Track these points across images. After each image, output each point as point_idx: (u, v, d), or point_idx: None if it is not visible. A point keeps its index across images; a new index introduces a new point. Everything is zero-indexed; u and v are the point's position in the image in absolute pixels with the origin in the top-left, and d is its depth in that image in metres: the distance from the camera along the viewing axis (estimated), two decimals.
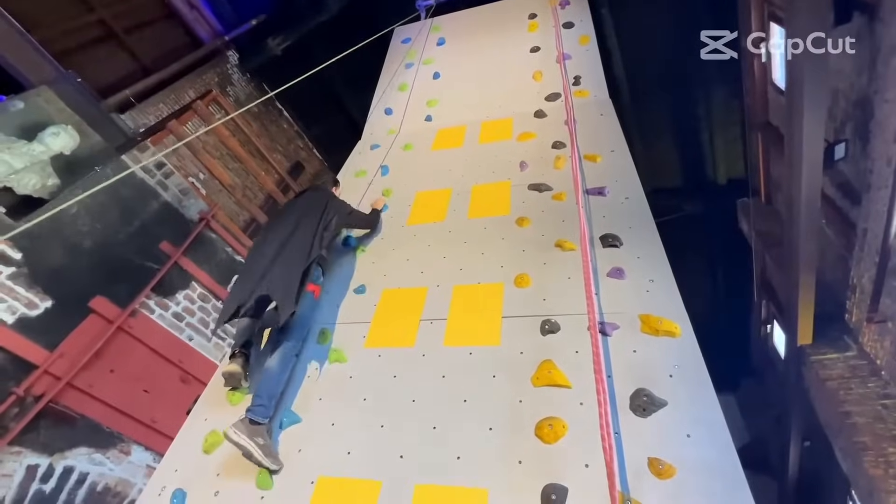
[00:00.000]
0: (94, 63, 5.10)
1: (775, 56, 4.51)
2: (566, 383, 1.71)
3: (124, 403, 3.00)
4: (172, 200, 3.81)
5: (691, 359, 1.66)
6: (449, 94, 4.09)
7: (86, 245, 3.15)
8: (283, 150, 7.19)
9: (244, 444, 1.70)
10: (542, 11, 4.55)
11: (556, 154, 2.96)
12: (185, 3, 6.45)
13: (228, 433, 1.73)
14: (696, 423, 1.48)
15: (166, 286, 3.53)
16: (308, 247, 2.09)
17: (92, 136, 3.43)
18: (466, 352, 1.97)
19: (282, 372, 1.95)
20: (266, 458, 1.72)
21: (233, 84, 6.65)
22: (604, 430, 1.23)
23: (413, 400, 1.87)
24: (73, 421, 2.78)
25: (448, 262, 2.46)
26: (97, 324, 3.03)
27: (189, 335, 3.62)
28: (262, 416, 1.80)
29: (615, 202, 2.47)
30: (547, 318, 1.96)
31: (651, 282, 1.98)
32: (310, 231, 2.15)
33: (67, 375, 2.77)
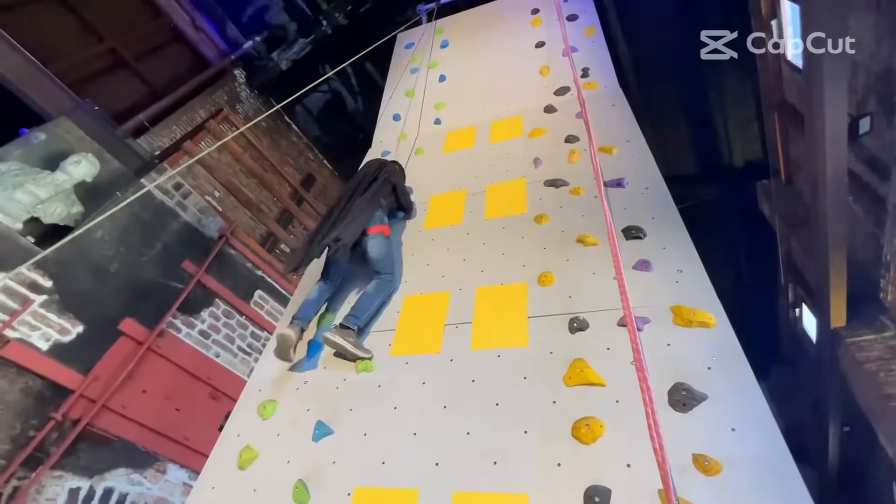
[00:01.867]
0: (108, 90, 5.24)
1: (787, 33, 4.39)
2: (600, 381, 1.67)
3: (158, 423, 3.05)
4: (192, 220, 3.87)
5: (729, 349, 1.61)
6: (456, 96, 4.08)
7: (112, 269, 3.22)
8: (294, 163, 7.27)
9: (338, 341, 2.09)
10: (544, 6, 4.52)
11: (569, 148, 2.93)
12: (191, 26, 6.58)
13: (326, 335, 2.11)
14: (741, 416, 1.43)
15: (191, 305, 3.59)
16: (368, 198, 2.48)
17: (111, 163, 3.52)
18: (495, 354, 1.95)
19: (376, 295, 2.31)
20: (358, 350, 2.11)
21: (241, 101, 6.75)
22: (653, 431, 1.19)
23: (444, 406, 1.85)
24: (111, 443, 2.84)
25: (469, 264, 2.44)
26: (127, 345, 3.09)
27: (216, 352, 3.67)
28: (351, 323, 2.17)
29: (635, 193, 2.42)
30: (575, 315, 1.93)
31: (679, 272, 1.93)
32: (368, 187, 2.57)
33: (102, 398, 2.83)
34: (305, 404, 2.10)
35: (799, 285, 5.62)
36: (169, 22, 6.35)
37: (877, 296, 3.83)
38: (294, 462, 1.89)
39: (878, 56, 3.11)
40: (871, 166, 3.60)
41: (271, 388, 2.26)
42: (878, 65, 3.15)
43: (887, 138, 3.23)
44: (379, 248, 2.38)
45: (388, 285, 2.39)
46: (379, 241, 2.39)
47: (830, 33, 2.38)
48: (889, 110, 3.12)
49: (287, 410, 2.12)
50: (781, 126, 5.16)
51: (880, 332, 3.73)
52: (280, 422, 2.09)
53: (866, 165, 3.65)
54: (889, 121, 3.15)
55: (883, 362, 3.61)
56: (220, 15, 6.86)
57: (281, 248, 5.68)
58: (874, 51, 3.14)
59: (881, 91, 3.18)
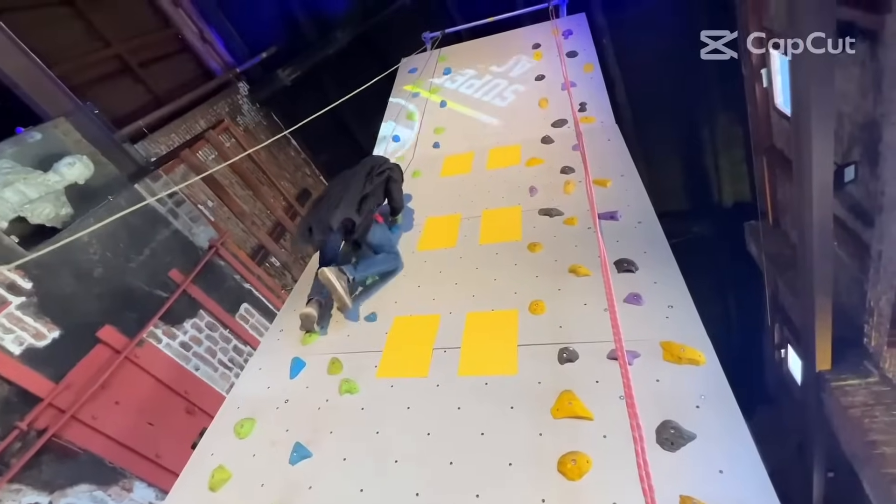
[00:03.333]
0: (111, 95, 5.26)
1: (777, 82, 4.59)
2: (588, 415, 1.65)
3: (128, 437, 2.92)
4: (183, 228, 3.83)
5: (717, 388, 1.60)
6: (456, 122, 4.16)
7: (96, 274, 3.15)
8: (290, 178, 7.29)
9: (332, 280, 2.26)
10: (545, 41, 4.67)
11: (565, 179, 2.97)
12: (199, 38, 6.69)
13: (325, 270, 2.27)
14: (729, 458, 1.41)
15: (174, 315, 3.50)
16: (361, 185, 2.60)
17: (106, 166, 3.49)
18: (482, 381, 1.92)
19: (381, 263, 2.55)
20: (346, 295, 2.30)
21: (243, 114, 6.81)
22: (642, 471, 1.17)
23: (428, 433, 1.80)
24: (76, 456, 2.70)
25: (460, 288, 2.42)
26: (104, 354, 2.99)
27: (196, 365, 3.56)
28: (349, 271, 2.36)
29: (628, 226, 2.45)
30: (564, 346, 1.91)
31: (670, 307, 1.93)
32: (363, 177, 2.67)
33: (72, 408, 2.71)
34: (285, 424, 2.03)
35: (785, 326, 5.68)
36: (177, 33, 6.45)
37: (861, 341, 3.88)
38: (268, 485, 1.81)
39: (862, 108, 3.26)
40: (855, 213, 3.71)
41: (250, 405, 2.18)
42: (862, 116, 3.29)
43: (871, 187, 3.34)
44: (379, 234, 2.60)
45: (394, 260, 2.62)
46: (376, 227, 2.59)
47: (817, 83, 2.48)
48: (873, 160, 3.24)
49: (265, 430, 2.05)
50: (770, 170, 5.32)
51: (864, 378, 3.76)
52: (257, 442, 2.01)
53: (851, 212, 3.76)
54: (872, 170, 3.27)
55: (867, 408, 3.62)
56: (228, 29, 7.00)
57: (271, 261, 5.63)
58: (859, 103, 3.29)
59: (865, 141, 3.31)
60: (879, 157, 3.14)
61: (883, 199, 3.20)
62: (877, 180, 3.22)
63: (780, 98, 4.68)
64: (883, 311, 3.48)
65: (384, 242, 2.62)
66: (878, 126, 3.08)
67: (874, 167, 3.23)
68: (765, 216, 5.74)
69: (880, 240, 3.34)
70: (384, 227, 2.67)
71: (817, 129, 2.58)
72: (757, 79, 4.82)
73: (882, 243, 3.33)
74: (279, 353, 2.42)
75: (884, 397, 3.62)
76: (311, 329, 2.39)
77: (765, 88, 4.81)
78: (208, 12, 6.79)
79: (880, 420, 3.54)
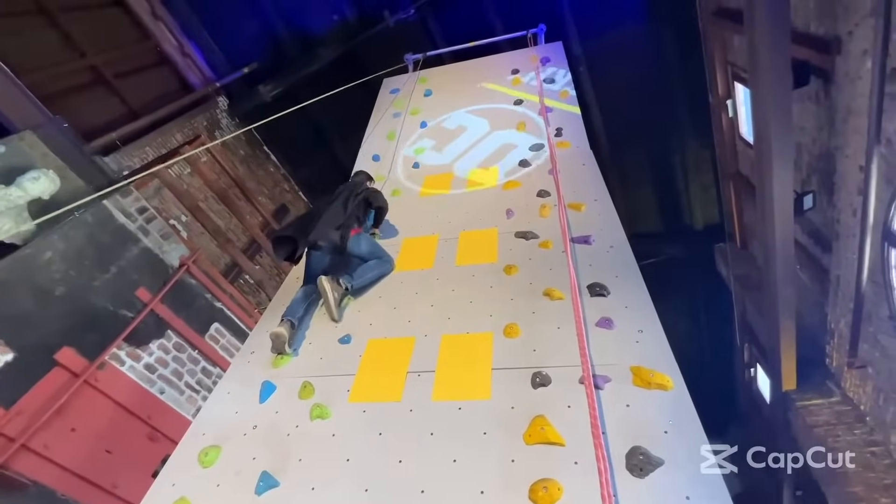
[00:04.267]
0: (81, 106, 5.12)
1: (741, 112, 4.83)
2: (559, 441, 1.65)
3: (83, 466, 2.75)
4: (153, 246, 3.71)
5: (685, 413, 1.63)
6: (436, 143, 4.21)
7: (57, 292, 3.01)
8: (268, 194, 7.20)
9: (328, 289, 2.39)
10: (524, 67, 4.82)
11: (541, 202, 3.03)
12: (178, 51, 6.63)
13: (323, 279, 2.41)
14: (695, 484, 1.43)
15: (140, 335, 3.36)
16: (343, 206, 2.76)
17: (74, 181, 3.38)
18: (456, 406, 1.90)
19: (375, 268, 2.67)
20: (335, 308, 2.43)
21: (221, 129, 6.73)
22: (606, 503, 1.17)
23: (399, 461, 1.77)
24: (25, 488, 2.53)
25: (436, 310, 2.42)
26: (61, 377, 2.83)
27: (161, 388, 3.41)
28: (346, 281, 2.50)
29: (601, 250, 2.50)
30: (538, 370, 1.92)
31: (640, 332, 1.97)
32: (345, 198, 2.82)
33: (23, 436, 2.55)
34: (252, 452, 1.96)
35: (754, 346, 5.85)
36: (156, 45, 6.38)
37: (824, 361, 4.03)
38: None
39: (819, 141, 3.45)
40: (815, 239, 3.89)
41: (217, 432, 2.10)
42: (818, 148, 3.49)
43: (828, 214, 3.52)
44: (365, 245, 2.72)
45: (385, 264, 2.74)
46: (360, 239, 2.72)
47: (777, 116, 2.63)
48: (829, 189, 3.42)
49: (231, 458, 1.97)
50: (736, 194, 5.55)
51: (827, 398, 3.88)
52: (222, 471, 1.93)
53: (811, 238, 3.95)
54: (829, 199, 3.45)
55: (830, 427, 3.74)
56: (209, 43, 6.96)
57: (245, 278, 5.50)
58: (815, 136, 3.49)
59: (822, 171, 3.50)
60: (834, 187, 3.32)
61: (839, 226, 3.37)
62: (833, 208, 3.40)
63: (745, 128, 4.92)
64: (843, 333, 3.63)
65: (373, 249, 2.76)
66: (833, 158, 3.27)
67: (830, 196, 3.41)
68: (733, 239, 5.96)
69: (838, 265, 3.51)
70: (367, 237, 2.80)
71: (778, 159, 2.71)
72: (723, 109, 5.06)
73: (840, 268, 3.49)
74: (249, 375, 2.35)
75: (845, 416, 3.75)
76: (281, 351, 2.34)
77: (730, 118, 5.05)
78: (189, 26, 6.75)
79: (843, 439, 3.65)
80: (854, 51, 2.80)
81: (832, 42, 2.96)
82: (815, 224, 3.84)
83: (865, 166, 2.80)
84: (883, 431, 3.47)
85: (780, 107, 2.58)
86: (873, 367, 3.41)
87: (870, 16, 2.57)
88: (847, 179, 3.16)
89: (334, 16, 6.91)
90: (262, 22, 6.97)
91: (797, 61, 3.10)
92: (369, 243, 2.77)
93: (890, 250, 2.90)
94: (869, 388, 3.55)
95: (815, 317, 4.10)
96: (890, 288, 2.97)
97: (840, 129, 3.11)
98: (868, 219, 2.90)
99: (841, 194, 3.27)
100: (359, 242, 2.70)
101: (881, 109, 2.59)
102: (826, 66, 3.07)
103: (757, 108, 2.74)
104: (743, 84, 4.59)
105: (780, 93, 2.55)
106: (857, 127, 2.92)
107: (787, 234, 2.97)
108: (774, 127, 2.62)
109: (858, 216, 3.00)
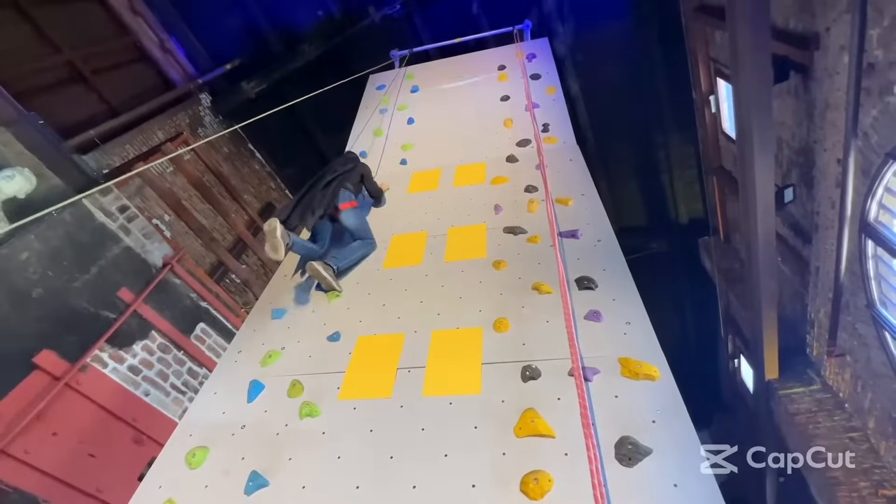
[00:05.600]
0: (58, 103, 4.98)
1: (723, 108, 4.91)
2: (550, 433, 1.66)
3: (65, 471, 2.68)
4: (135, 245, 3.63)
5: (672, 403, 1.65)
6: (423, 139, 4.20)
7: (34, 294, 2.92)
8: (254, 192, 7.10)
9: (321, 271, 2.57)
10: (510, 63, 4.82)
11: (529, 198, 3.04)
12: (159, 47, 6.48)
13: (314, 264, 2.57)
14: (683, 472, 1.45)
15: (123, 337, 3.29)
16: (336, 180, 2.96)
17: (51, 179, 3.28)
18: (446, 401, 1.90)
19: (358, 249, 2.84)
20: (335, 282, 2.62)
21: (204, 126, 6.61)
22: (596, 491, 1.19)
23: (391, 456, 1.76)
24: (5, 495, 2.46)
25: (426, 306, 2.42)
26: (41, 381, 2.76)
27: (146, 390, 3.35)
28: (333, 263, 2.66)
29: (588, 245, 2.52)
30: (528, 363, 1.93)
31: (628, 324, 2.00)
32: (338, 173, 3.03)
33: (2, 442, 2.48)
34: (241, 452, 1.94)
35: (737, 337, 5.97)
36: (135, 41, 6.23)
37: (805, 351, 4.13)
38: None
39: (798, 135, 3.53)
40: (795, 231, 3.98)
41: (204, 432, 2.07)
42: (798, 143, 3.57)
43: (808, 207, 3.61)
44: (353, 219, 2.90)
45: (368, 245, 2.91)
46: (352, 213, 2.90)
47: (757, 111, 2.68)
48: (808, 183, 3.50)
49: (219, 458, 1.94)
50: (720, 188, 5.65)
51: (808, 386, 3.99)
52: (210, 471, 1.90)
53: (792, 230, 4.04)
54: (808, 192, 3.53)
55: (811, 415, 3.84)
56: (190, 39, 6.82)
57: (231, 277, 5.43)
58: (795, 131, 3.56)
59: (802, 165, 3.58)
60: (814, 181, 3.40)
61: (818, 218, 3.46)
62: (812, 201, 3.48)
63: (727, 123, 5.00)
64: (822, 323, 3.73)
65: (359, 226, 2.93)
66: (812, 152, 3.34)
67: (810, 189, 3.49)
68: (716, 232, 6.07)
69: (817, 256, 3.60)
70: (358, 212, 2.97)
71: (759, 154, 2.76)
72: (706, 104, 5.14)
73: (819, 260, 3.58)
74: (237, 375, 2.32)
75: (825, 404, 3.85)
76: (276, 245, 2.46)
77: (713, 113, 5.13)
78: (170, 21, 6.60)
79: (823, 426, 3.76)
80: (832, 46, 2.86)
81: (811, 38, 3.02)
82: (795, 217, 3.93)
83: (843, 159, 2.87)
84: (861, 417, 3.58)
85: (761, 102, 2.62)
86: (852, 355, 3.51)
87: (846, 12, 2.63)
88: (826, 173, 3.23)
89: (319, 11, 6.82)
90: (244, 17, 6.85)
91: (777, 57, 3.16)
92: (358, 218, 2.94)
93: (866, 241, 2.98)
94: (847, 376, 3.65)
95: (796, 307, 4.21)
96: (867, 278, 3.05)
97: (818, 124, 3.18)
98: (846, 211, 2.97)
99: (820, 187, 3.35)
100: (349, 216, 2.89)
101: (858, 104, 2.66)
102: (805, 61, 3.13)
103: (738, 103, 2.78)
104: (725, 80, 4.67)
105: (761, 88, 2.60)
106: (834, 121, 2.99)
107: (768, 227, 3.03)
108: (755, 122, 2.67)
109: (837, 208, 3.08)
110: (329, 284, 2.62)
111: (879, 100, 2.55)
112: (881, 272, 2.97)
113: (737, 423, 6.76)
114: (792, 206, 3.81)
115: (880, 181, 2.72)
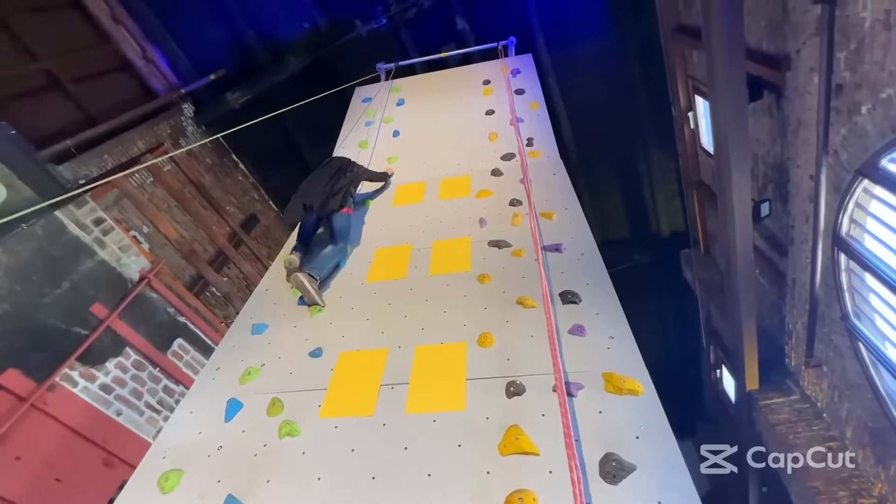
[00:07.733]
0: (33, 112, 4.85)
1: (702, 124, 5.05)
2: (534, 450, 1.64)
3: (29, 498, 2.54)
4: (110, 259, 3.52)
5: (655, 418, 1.65)
6: (409, 152, 4.20)
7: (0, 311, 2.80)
8: (237, 203, 7.00)
9: (306, 284, 2.53)
10: (495, 78, 4.89)
11: (513, 211, 3.06)
12: (140, 57, 6.39)
13: (300, 277, 2.54)
14: (667, 489, 1.44)
15: (95, 354, 3.17)
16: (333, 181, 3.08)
17: (22, 190, 3.17)
18: (430, 419, 1.87)
19: (331, 257, 2.83)
20: (318, 296, 2.58)
21: (186, 136, 6.51)
22: None
23: (373, 477, 1.72)
24: None
25: (410, 321, 2.39)
26: (5, 402, 2.63)
27: (118, 409, 3.21)
28: (316, 274, 2.63)
29: (572, 258, 2.54)
30: (512, 379, 1.92)
31: (611, 338, 2.00)
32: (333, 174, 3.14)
33: None
34: (216, 474, 1.86)
35: (718, 348, 6.06)
36: (116, 50, 6.14)
37: (784, 361, 4.21)
38: None
39: (773, 151, 3.64)
40: (772, 244, 4.08)
41: (178, 454, 1.99)
42: (773, 158, 3.68)
43: (783, 221, 3.71)
44: (342, 223, 2.97)
45: (340, 252, 2.91)
46: (344, 217, 2.99)
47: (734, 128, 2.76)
48: (784, 198, 3.60)
49: (194, 482, 1.86)
50: (699, 202, 5.77)
51: (787, 396, 4.06)
52: (184, 496, 1.82)
53: (769, 243, 4.14)
54: (784, 206, 3.64)
55: (791, 425, 3.89)
56: (173, 49, 6.75)
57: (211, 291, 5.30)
58: (770, 147, 3.68)
59: (776, 180, 3.69)
60: (788, 195, 3.50)
61: (793, 232, 3.55)
62: (788, 216, 3.59)
63: (706, 138, 5.14)
64: (800, 334, 3.81)
65: (343, 231, 2.97)
66: (786, 168, 3.45)
67: (785, 204, 3.60)
68: (697, 245, 6.19)
69: (794, 269, 3.69)
70: (349, 219, 3.07)
71: (736, 169, 2.84)
72: (685, 120, 5.28)
73: (795, 272, 3.68)
74: (214, 393, 2.24)
75: (804, 414, 3.92)
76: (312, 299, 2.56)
77: (692, 129, 5.27)
78: (152, 31, 6.53)
79: (802, 435, 3.81)
80: (802, 67, 2.97)
81: (782, 59, 3.14)
82: (772, 230, 4.03)
83: (815, 176, 2.96)
84: (838, 427, 3.65)
85: (737, 119, 2.70)
86: (828, 365, 3.58)
87: (815, 35, 2.74)
88: (799, 188, 3.34)
89: (305, 23, 6.84)
90: (229, 28, 6.82)
91: (752, 77, 3.27)
92: (344, 224, 3.00)
93: (839, 255, 3.07)
94: (825, 386, 3.73)
95: (774, 319, 4.30)
96: (840, 290, 3.13)
97: (791, 141, 3.28)
98: (819, 225, 3.06)
99: (794, 202, 3.45)
100: (342, 219, 2.97)
101: (828, 122, 2.76)
102: (777, 81, 3.25)
103: (715, 119, 2.86)
104: (703, 97, 4.81)
105: (737, 105, 2.68)
106: (806, 138, 3.09)
107: (746, 240, 3.10)
108: (732, 138, 2.74)
109: (811, 223, 3.17)
110: (312, 299, 2.57)
111: (848, 119, 2.65)
112: (854, 285, 3.06)
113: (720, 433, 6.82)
114: (768, 219, 3.92)
115: (851, 197, 2.81)
